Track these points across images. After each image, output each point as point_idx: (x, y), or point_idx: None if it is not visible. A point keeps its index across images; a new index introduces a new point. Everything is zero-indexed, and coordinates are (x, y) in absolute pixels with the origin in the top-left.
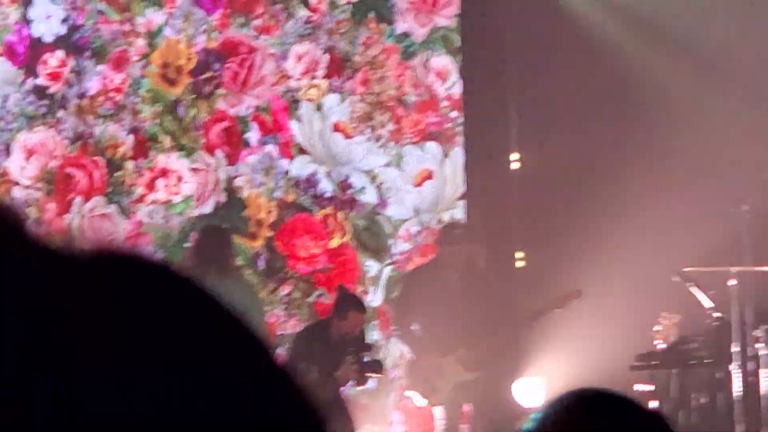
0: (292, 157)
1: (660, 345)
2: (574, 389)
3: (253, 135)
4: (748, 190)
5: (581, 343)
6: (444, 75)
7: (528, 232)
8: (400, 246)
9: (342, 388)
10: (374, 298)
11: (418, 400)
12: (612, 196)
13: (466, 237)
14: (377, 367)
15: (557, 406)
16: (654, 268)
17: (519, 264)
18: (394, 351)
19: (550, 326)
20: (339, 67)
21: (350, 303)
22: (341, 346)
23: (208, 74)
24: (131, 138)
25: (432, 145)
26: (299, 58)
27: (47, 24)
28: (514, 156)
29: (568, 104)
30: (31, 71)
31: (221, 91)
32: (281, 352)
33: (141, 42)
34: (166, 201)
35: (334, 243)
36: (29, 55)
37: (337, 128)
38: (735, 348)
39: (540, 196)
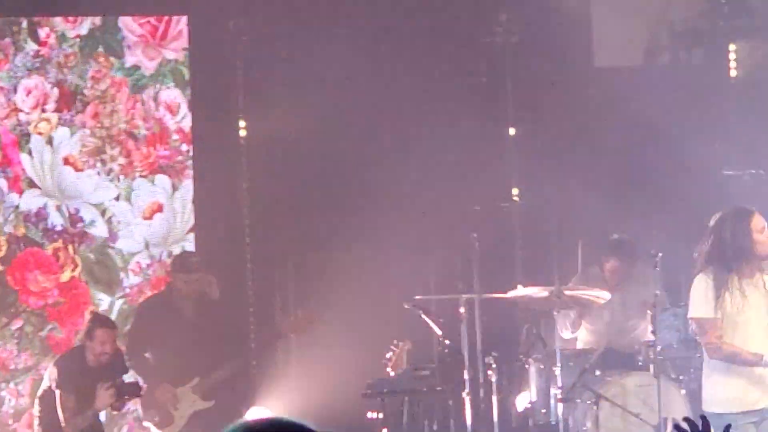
0: (21, 191)
1: (391, 372)
2: (245, 420)
3: None
4: (477, 218)
5: (314, 370)
6: (174, 108)
7: (260, 262)
8: (131, 279)
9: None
10: None
11: (154, 431)
12: (345, 226)
13: (200, 265)
14: (134, 389)
15: None
16: (386, 295)
17: (252, 293)
18: None
19: (284, 353)
20: (69, 100)
21: (97, 321)
22: (98, 370)
23: None
24: None
25: (162, 178)
26: (29, 91)
27: None
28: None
29: (299, 138)
30: None
31: None
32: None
33: None
34: None
35: (65, 277)
36: None
37: (67, 162)
38: (466, 375)
39: (272, 227)
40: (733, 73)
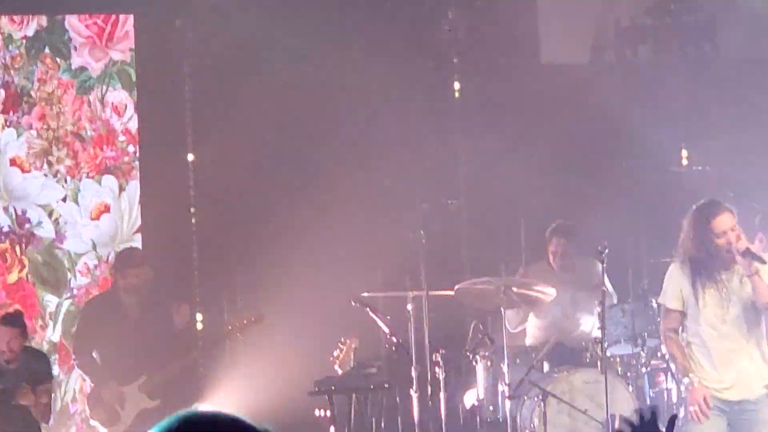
0: None
1: (338, 370)
2: (182, 412)
3: None
4: (425, 215)
5: (261, 368)
6: (120, 109)
7: (207, 261)
8: (78, 280)
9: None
10: (53, 334)
11: (101, 431)
12: (292, 224)
13: (145, 259)
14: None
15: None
16: (333, 293)
17: (199, 292)
18: (75, 385)
19: (231, 351)
20: (15, 102)
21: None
22: (10, 372)
23: None
24: None
25: (109, 179)
26: None
27: None
28: (191, 188)
29: (246, 136)
30: None
31: None
32: None
33: None
34: None
35: (12, 278)
36: None
37: (13, 163)
38: (414, 372)
39: (219, 226)
40: (676, 70)
